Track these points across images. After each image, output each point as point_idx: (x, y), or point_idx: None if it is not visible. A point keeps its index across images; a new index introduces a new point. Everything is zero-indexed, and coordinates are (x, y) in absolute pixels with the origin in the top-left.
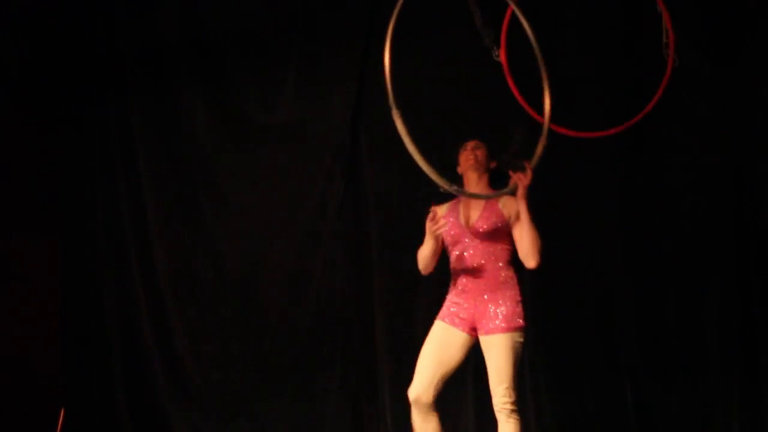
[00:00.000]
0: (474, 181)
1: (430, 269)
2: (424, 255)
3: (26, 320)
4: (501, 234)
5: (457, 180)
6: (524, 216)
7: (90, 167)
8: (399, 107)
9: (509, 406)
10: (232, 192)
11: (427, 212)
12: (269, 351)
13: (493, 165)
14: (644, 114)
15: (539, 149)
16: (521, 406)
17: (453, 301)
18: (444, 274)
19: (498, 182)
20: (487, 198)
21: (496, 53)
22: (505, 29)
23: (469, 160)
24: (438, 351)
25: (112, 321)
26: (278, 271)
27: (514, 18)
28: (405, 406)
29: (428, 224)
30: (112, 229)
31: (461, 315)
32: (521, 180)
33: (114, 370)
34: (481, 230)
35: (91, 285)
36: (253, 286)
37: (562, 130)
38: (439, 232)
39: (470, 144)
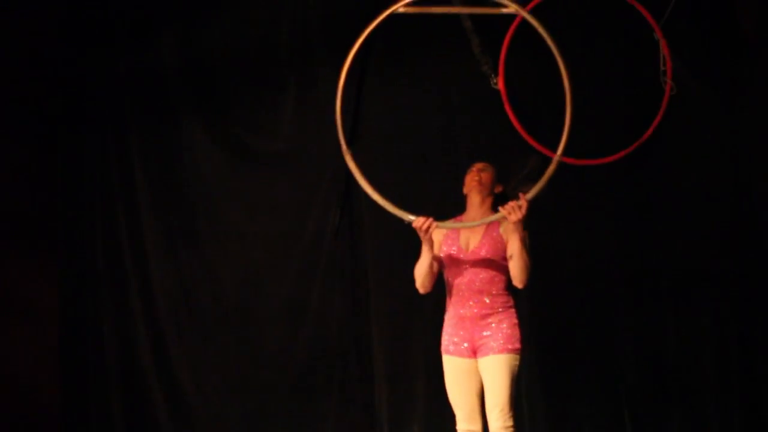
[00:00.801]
0: (476, 204)
1: (427, 287)
2: (421, 271)
3: (25, 347)
4: (500, 259)
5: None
6: (516, 244)
7: (89, 194)
8: (350, 147)
9: (505, 430)
10: (231, 219)
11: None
12: (268, 377)
13: (498, 190)
14: (642, 141)
15: (543, 181)
16: None
17: (451, 328)
18: (441, 300)
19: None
20: (453, 227)
21: (495, 81)
22: (504, 57)
23: (472, 182)
24: (459, 383)
25: (111, 348)
26: (276, 297)
27: (512, 46)
28: None
29: (420, 232)
30: (111, 256)
31: (461, 342)
32: (513, 213)
33: (113, 398)
34: (480, 255)
35: (90, 312)
36: (251, 312)
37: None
38: (430, 232)
39: (477, 166)
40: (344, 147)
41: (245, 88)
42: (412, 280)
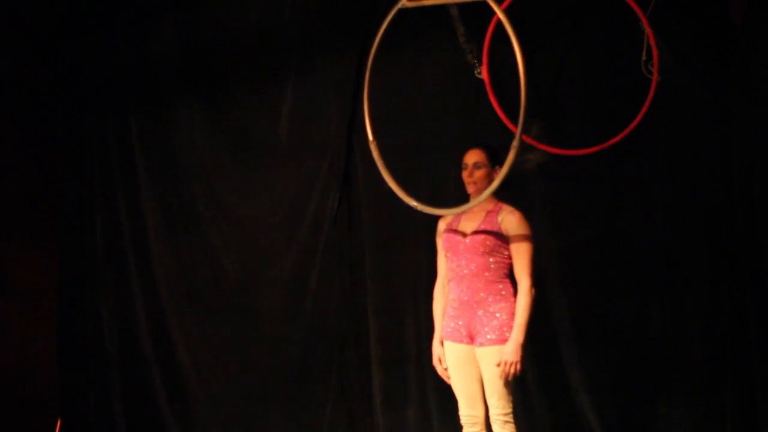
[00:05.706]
0: (475, 196)
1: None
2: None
3: (24, 333)
4: (497, 247)
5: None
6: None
7: (89, 181)
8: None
9: (502, 417)
10: (230, 204)
11: None
12: (267, 363)
13: (497, 174)
14: (630, 130)
15: (504, 169)
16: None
17: (450, 315)
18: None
19: (503, 189)
20: (451, 212)
21: (478, 70)
22: (487, 46)
23: (468, 187)
24: (459, 369)
25: (111, 334)
26: (275, 283)
27: (495, 35)
28: (397, 417)
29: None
30: (112, 242)
31: (460, 329)
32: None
33: (112, 381)
34: (476, 241)
35: (90, 298)
36: (251, 298)
37: (550, 149)
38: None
39: (471, 161)
40: (371, 137)
41: (245, 74)
42: (409, 266)
